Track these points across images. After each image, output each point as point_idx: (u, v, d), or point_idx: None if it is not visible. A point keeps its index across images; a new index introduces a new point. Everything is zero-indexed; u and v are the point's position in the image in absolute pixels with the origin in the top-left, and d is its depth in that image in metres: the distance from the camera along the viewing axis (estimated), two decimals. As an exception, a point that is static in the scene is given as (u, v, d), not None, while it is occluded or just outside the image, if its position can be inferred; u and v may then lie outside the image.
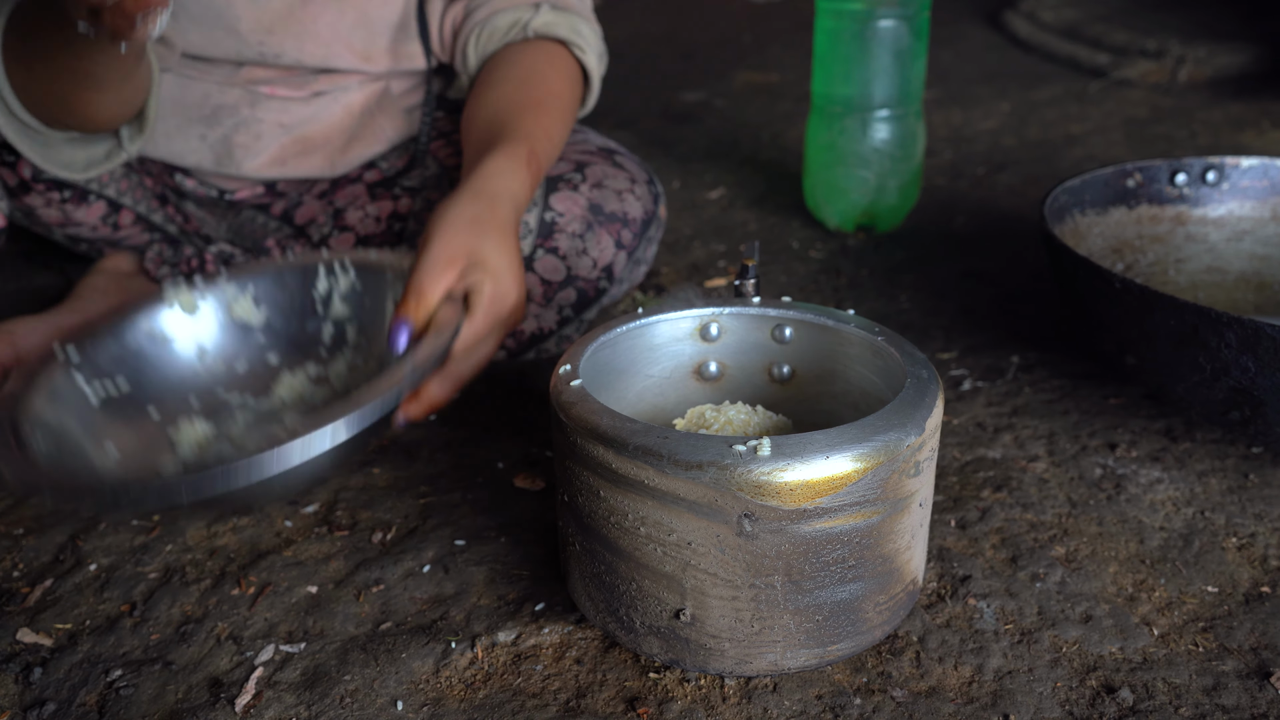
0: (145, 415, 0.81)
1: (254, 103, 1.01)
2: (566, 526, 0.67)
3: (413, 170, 1.06)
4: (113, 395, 0.80)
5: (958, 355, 1.06)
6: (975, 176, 1.60)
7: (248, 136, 1.01)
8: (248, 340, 0.88)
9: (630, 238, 1.01)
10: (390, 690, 0.66)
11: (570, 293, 1.00)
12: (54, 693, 0.67)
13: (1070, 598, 0.72)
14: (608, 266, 1.00)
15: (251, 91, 1.00)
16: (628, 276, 1.04)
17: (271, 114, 1.01)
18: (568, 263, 0.98)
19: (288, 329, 0.89)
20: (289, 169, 1.04)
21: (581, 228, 0.98)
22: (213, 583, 0.77)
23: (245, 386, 0.86)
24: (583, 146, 1.06)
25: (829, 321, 0.74)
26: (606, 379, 0.75)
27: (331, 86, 1.03)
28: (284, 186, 1.07)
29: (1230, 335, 0.74)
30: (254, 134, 1.01)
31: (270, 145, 1.02)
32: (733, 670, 0.63)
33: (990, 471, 0.87)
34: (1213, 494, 0.83)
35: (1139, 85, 2.06)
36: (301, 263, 0.88)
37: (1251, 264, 1.07)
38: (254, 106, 1.01)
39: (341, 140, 1.05)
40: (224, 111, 1.01)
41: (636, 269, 1.05)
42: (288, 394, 0.86)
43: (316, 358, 0.88)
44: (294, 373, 0.87)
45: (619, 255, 1.01)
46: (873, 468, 0.59)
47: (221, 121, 1.01)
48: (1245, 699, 0.64)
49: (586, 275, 0.99)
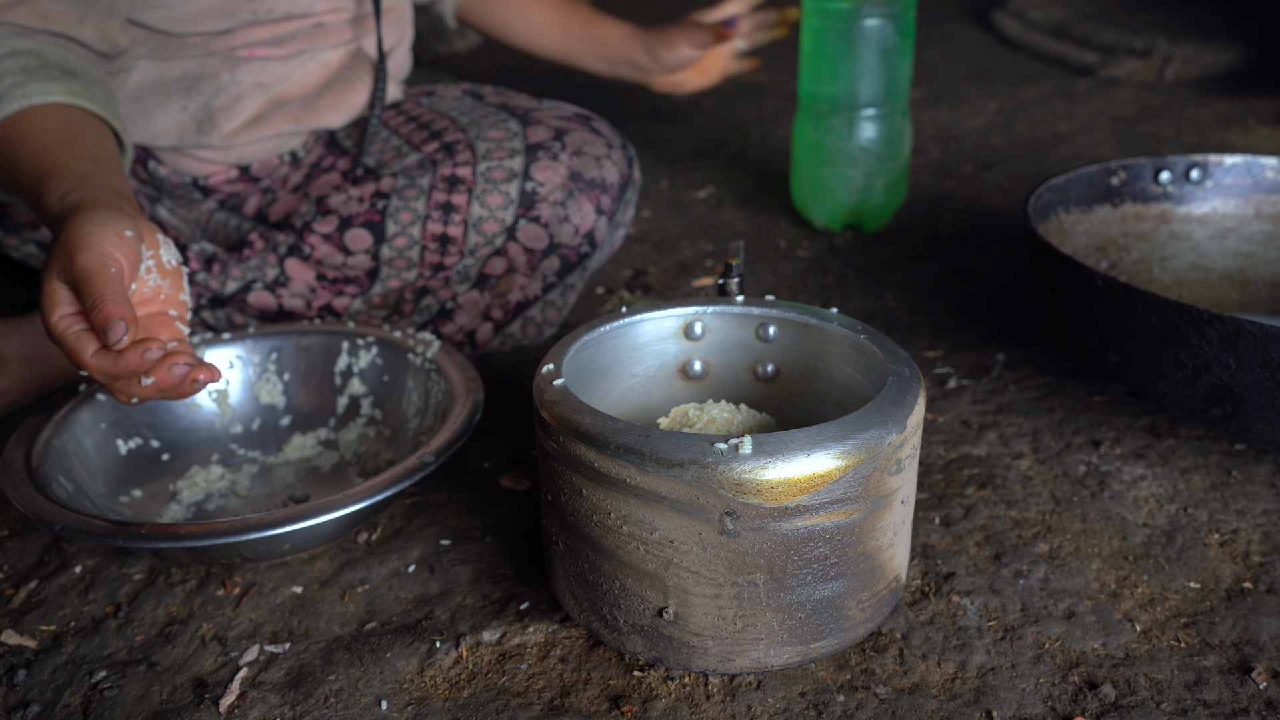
0: (159, 462, 0.88)
1: (233, 66, 1.01)
2: (550, 525, 0.67)
3: (372, 146, 1.07)
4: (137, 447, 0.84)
5: (944, 353, 1.06)
6: (963, 175, 1.61)
7: (227, 99, 1.02)
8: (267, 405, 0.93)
9: (609, 203, 1.03)
10: (375, 690, 0.66)
11: (554, 260, 1.02)
12: (38, 694, 0.67)
13: (1053, 594, 0.73)
14: (589, 232, 1.02)
15: (230, 57, 1.01)
16: (608, 240, 1.07)
17: (251, 75, 1.02)
18: (550, 230, 1.00)
19: (305, 395, 0.94)
20: (264, 126, 1.05)
21: (563, 195, 1.00)
22: (197, 584, 0.76)
23: (256, 443, 0.90)
24: (559, 112, 1.08)
25: (812, 320, 0.75)
26: (590, 378, 0.75)
27: (311, 45, 1.04)
28: (258, 169, 1.08)
29: (1211, 332, 0.75)
30: (233, 96, 1.02)
31: (249, 105, 1.03)
32: (716, 668, 0.63)
33: (975, 469, 0.87)
34: (1195, 490, 0.83)
35: (1127, 83, 2.06)
36: (327, 333, 0.94)
37: (1235, 261, 1.07)
38: (233, 70, 1.02)
39: (314, 96, 1.07)
40: (204, 81, 1.01)
41: (616, 232, 1.08)
42: (295, 454, 0.90)
43: (327, 425, 0.91)
44: (305, 435, 0.91)
45: (599, 220, 1.03)
46: (854, 465, 0.59)
47: (202, 90, 1.02)
48: (1227, 694, 0.64)
49: (569, 242, 1.01)
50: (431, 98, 1.14)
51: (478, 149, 1.00)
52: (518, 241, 1.00)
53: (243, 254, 1.01)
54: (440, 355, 0.89)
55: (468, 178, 0.99)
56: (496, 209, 0.99)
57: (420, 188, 0.99)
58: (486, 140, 1.01)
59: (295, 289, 1.00)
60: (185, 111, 1.02)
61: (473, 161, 1.00)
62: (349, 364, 0.92)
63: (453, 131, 1.03)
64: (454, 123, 1.05)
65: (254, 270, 1.00)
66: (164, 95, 1.01)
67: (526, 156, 1.00)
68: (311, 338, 0.93)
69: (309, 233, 0.99)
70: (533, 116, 1.05)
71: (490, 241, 1.00)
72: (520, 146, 1.01)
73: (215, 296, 1.01)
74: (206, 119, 1.02)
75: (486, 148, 1.00)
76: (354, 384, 0.92)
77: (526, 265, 1.01)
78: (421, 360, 0.89)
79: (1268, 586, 0.73)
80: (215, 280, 1.00)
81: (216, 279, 1.00)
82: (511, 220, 0.99)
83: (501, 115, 1.06)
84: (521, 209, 0.99)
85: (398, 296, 1.02)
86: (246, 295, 1.00)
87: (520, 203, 0.99)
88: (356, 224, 0.98)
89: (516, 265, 1.01)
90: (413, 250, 0.99)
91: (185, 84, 1.01)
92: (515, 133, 1.02)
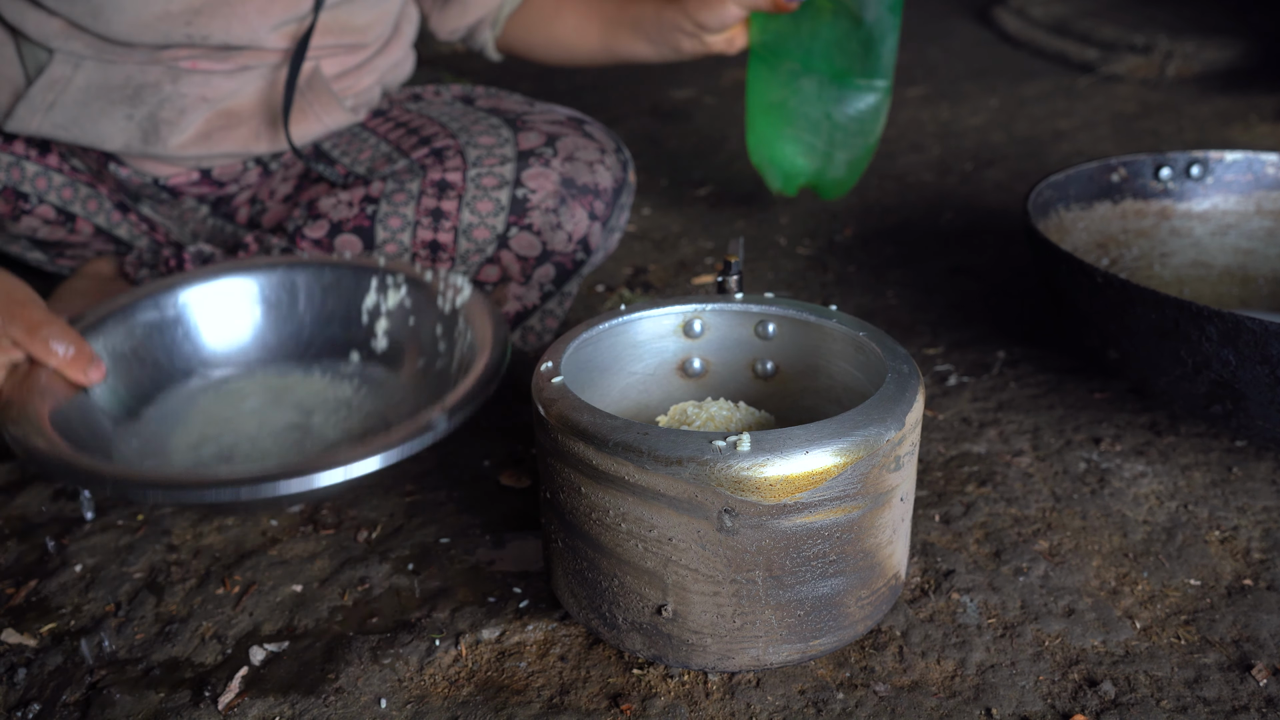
0: None
1: (175, 78, 1.00)
2: (549, 523, 0.67)
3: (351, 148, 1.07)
4: None
5: (944, 350, 1.06)
6: (963, 172, 1.61)
7: (172, 112, 1.01)
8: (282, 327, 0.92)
9: (603, 208, 1.02)
10: (374, 688, 0.66)
11: (548, 268, 1.01)
12: (38, 693, 0.67)
13: (1053, 591, 0.73)
14: (583, 238, 1.01)
15: (172, 68, 1.00)
16: (603, 245, 1.05)
17: (194, 88, 1.01)
18: (542, 238, 0.99)
19: (326, 331, 0.92)
20: (214, 144, 1.03)
21: (555, 202, 0.99)
22: (198, 582, 0.77)
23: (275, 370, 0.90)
24: (551, 117, 1.06)
25: (812, 317, 0.75)
26: (590, 376, 0.75)
27: (257, 61, 1.02)
28: (220, 173, 1.07)
29: (1211, 329, 0.75)
30: (178, 109, 1.01)
31: (195, 120, 1.01)
32: (715, 666, 0.63)
33: (975, 466, 0.87)
34: (1196, 487, 0.83)
35: (1127, 80, 2.06)
36: (355, 269, 0.92)
37: (1236, 258, 1.07)
38: (176, 82, 1.00)
39: (269, 113, 1.04)
40: (146, 90, 1.00)
41: (611, 237, 1.06)
42: (308, 392, 0.89)
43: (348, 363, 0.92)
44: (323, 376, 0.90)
45: (593, 226, 1.02)
46: (852, 462, 0.59)
47: (145, 100, 1.00)
48: (1227, 691, 0.64)
49: (562, 249, 1.00)
50: (420, 103, 1.13)
51: (468, 155, 0.99)
52: (510, 249, 0.99)
53: (237, 257, 1.01)
54: (472, 303, 0.86)
55: (457, 183, 0.98)
56: (487, 215, 0.98)
57: (410, 193, 0.98)
58: (477, 147, 1.00)
59: None
60: (130, 120, 1.01)
61: (463, 168, 0.99)
62: (376, 302, 0.91)
63: (442, 138, 1.02)
64: (444, 129, 1.04)
65: None
66: (109, 101, 1.00)
67: (518, 163, 0.99)
68: (340, 272, 0.92)
69: (300, 238, 0.99)
70: (524, 122, 1.04)
71: (482, 249, 0.99)
72: (511, 153, 1.00)
73: None
74: (151, 130, 1.01)
75: (477, 154, 1.00)
76: (380, 324, 0.90)
77: (520, 273, 1.01)
78: (450, 306, 0.86)
79: (1268, 583, 0.73)
80: None
81: None
82: (503, 228, 0.98)
83: (493, 121, 1.05)
84: (513, 216, 0.98)
85: None
86: None
87: (511, 210, 0.98)
88: (347, 229, 0.98)
89: (510, 273, 1.01)
90: (403, 257, 0.98)
91: (129, 91, 1.00)
92: (506, 139, 1.01)
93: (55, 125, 1.00)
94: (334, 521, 0.83)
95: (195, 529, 0.82)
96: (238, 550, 0.80)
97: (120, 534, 0.82)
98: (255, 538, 0.81)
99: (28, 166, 1.02)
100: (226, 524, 0.83)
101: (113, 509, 0.85)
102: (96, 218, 1.07)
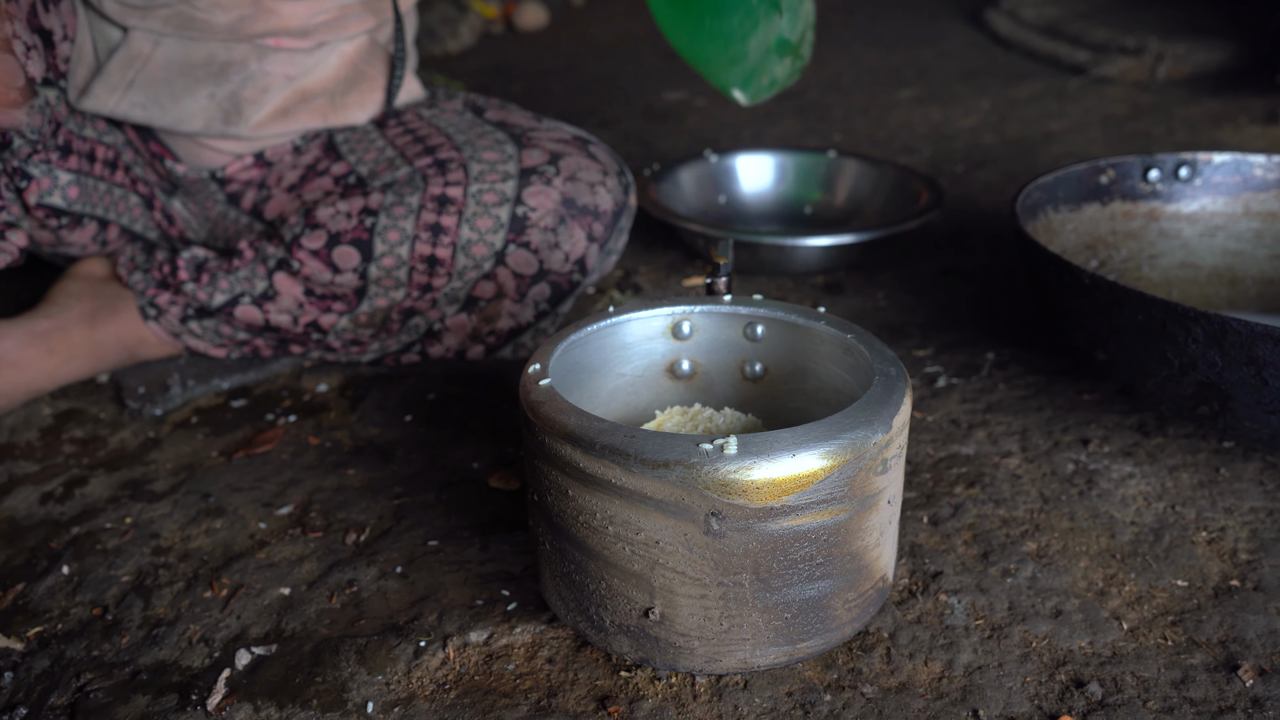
0: None
1: (261, 56, 1.02)
2: (537, 526, 0.67)
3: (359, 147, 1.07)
4: None
5: (933, 352, 1.06)
6: (954, 174, 1.61)
7: (255, 90, 1.02)
8: None
9: (601, 230, 1.01)
10: (362, 691, 0.66)
11: (544, 287, 1.00)
12: (24, 697, 0.67)
13: (1041, 593, 0.73)
14: (580, 259, 1.01)
15: (259, 45, 1.01)
16: (599, 267, 1.05)
17: (279, 66, 1.03)
18: (540, 256, 0.99)
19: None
20: (289, 121, 1.05)
21: (554, 221, 0.99)
22: (185, 585, 0.76)
23: None
24: (556, 135, 1.05)
25: (800, 319, 0.75)
26: (578, 378, 0.75)
27: (333, 36, 1.04)
28: (271, 154, 1.08)
29: (1197, 330, 0.75)
30: (261, 87, 1.03)
31: (275, 98, 1.03)
32: (702, 668, 0.63)
33: (963, 468, 0.87)
34: (1183, 488, 0.83)
35: (1119, 82, 2.06)
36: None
37: (1224, 259, 1.08)
38: (261, 60, 1.02)
39: (338, 89, 1.07)
40: (232, 68, 1.02)
41: (608, 259, 1.06)
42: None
43: None
44: None
45: (591, 248, 1.01)
46: (839, 465, 0.59)
47: (230, 78, 1.02)
48: (1213, 691, 0.64)
49: (559, 269, 1.00)
50: (432, 110, 1.12)
51: (470, 170, 0.99)
52: (507, 266, 0.99)
53: (232, 263, 1.00)
54: None
55: (458, 198, 0.98)
56: (486, 232, 0.98)
57: (409, 206, 0.98)
58: (480, 162, 0.99)
59: (283, 304, 0.99)
60: (213, 99, 1.02)
61: (464, 182, 0.98)
62: None
63: (447, 149, 1.02)
64: (450, 140, 1.03)
65: (242, 282, 0.99)
66: (192, 79, 1.01)
67: (519, 181, 0.98)
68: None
69: (297, 248, 0.98)
70: (530, 138, 1.03)
71: (479, 265, 0.98)
72: (514, 170, 0.99)
73: (202, 308, 1.01)
74: (234, 109, 1.02)
75: (480, 169, 0.99)
76: None
77: (515, 291, 1.00)
78: None
79: (1255, 584, 0.73)
80: (203, 292, 0.99)
81: (205, 290, 0.99)
82: (501, 245, 0.98)
83: (499, 135, 1.04)
84: (512, 234, 0.98)
85: (384, 316, 1.01)
86: (234, 309, 1.00)
87: (510, 227, 0.98)
88: (344, 241, 0.97)
89: (505, 290, 1.00)
90: (400, 270, 0.98)
91: (213, 69, 1.01)
92: (510, 155, 1.00)
93: (133, 104, 1.01)
94: (322, 524, 0.83)
95: (183, 531, 0.82)
96: (226, 553, 0.80)
97: (108, 537, 0.82)
98: (243, 540, 0.81)
99: None
100: (215, 527, 0.83)
101: (100, 511, 0.85)
102: (121, 219, 1.08)
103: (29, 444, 0.96)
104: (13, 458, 0.94)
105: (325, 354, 1.06)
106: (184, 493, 0.88)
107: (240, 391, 1.04)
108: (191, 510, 0.85)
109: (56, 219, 1.01)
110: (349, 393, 1.03)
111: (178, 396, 1.02)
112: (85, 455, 0.94)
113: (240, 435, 0.96)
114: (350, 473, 0.89)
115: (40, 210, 0.99)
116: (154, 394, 1.01)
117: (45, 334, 1.00)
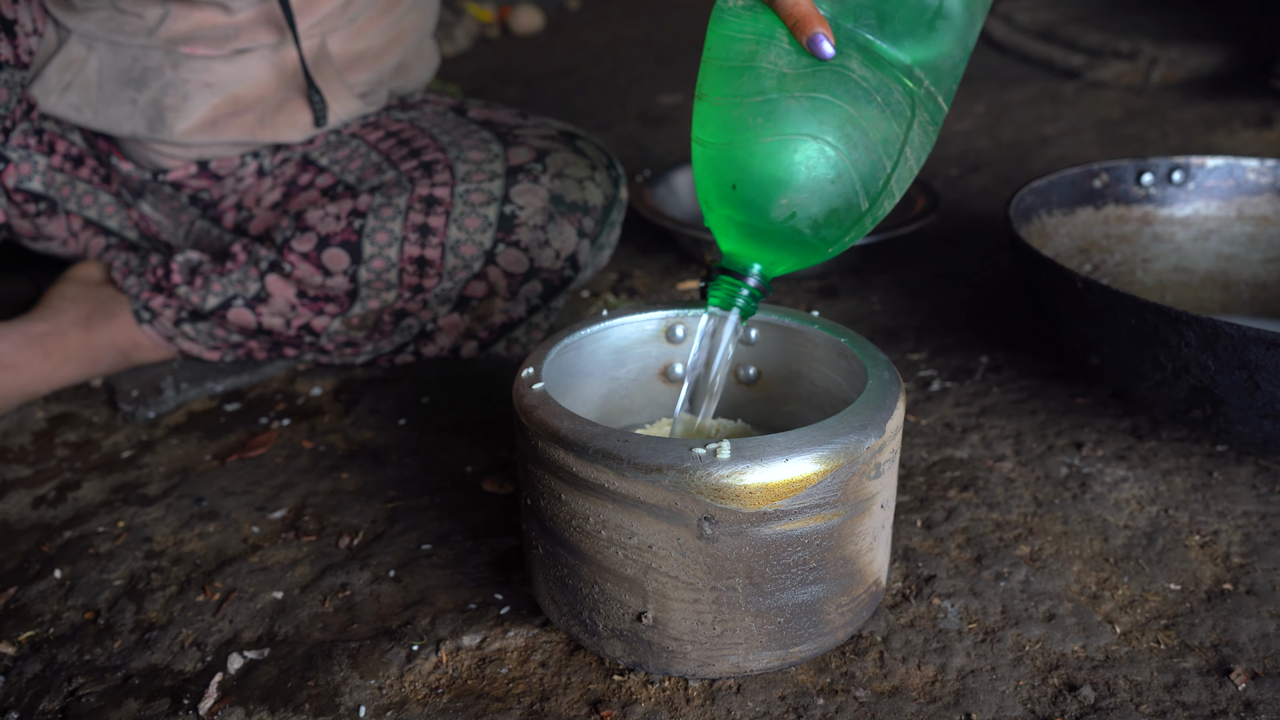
0: None
1: (176, 64, 1.00)
2: (530, 530, 0.67)
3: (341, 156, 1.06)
4: None
5: (927, 356, 1.06)
6: (949, 178, 1.61)
7: (175, 98, 1.01)
8: None
9: (592, 225, 1.01)
10: (354, 695, 0.66)
11: (535, 285, 1.00)
12: (15, 701, 0.67)
13: (1034, 596, 0.73)
14: (571, 255, 1.00)
15: (172, 53, 1.00)
16: (592, 262, 1.04)
17: (195, 74, 1.01)
18: (530, 255, 0.99)
19: None
20: (220, 131, 1.03)
21: (543, 219, 0.98)
22: (178, 589, 0.76)
23: None
24: (543, 131, 1.05)
25: (794, 323, 0.75)
26: (571, 382, 0.75)
27: (252, 43, 1.01)
28: (217, 166, 1.06)
29: (1190, 334, 0.75)
30: (181, 95, 1.01)
31: (200, 106, 1.01)
32: (695, 672, 0.63)
33: (957, 471, 0.87)
34: (1177, 492, 0.84)
35: (1113, 86, 2.07)
36: None
37: (1218, 263, 1.08)
38: (176, 68, 1.00)
39: (270, 105, 1.04)
40: (150, 74, 1.00)
41: (600, 254, 1.05)
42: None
43: None
44: None
45: (582, 244, 1.01)
46: (832, 470, 0.59)
47: (149, 84, 1.01)
48: (1206, 695, 0.64)
49: (550, 266, 1.00)
50: (411, 111, 1.11)
51: (457, 170, 0.99)
52: (497, 265, 0.98)
53: (225, 266, 1.00)
54: None
55: (445, 199, 0.97)
56: (475, 232, 0.97)
57: (397, 208, 0.97)
58: (466, 162, 0.99)
59: (276, 306, 0.99)
60: (135, 105, 1.01)
61: (451, 183, 0.98)
62: None
63: (432, 150, 1.01)
64: (434, 141, 1.03)
65: (235, 285, 0.99)
66: (118, 84, 1.01)
67: (506, 180, 0.98)
68: None
69: (288, 250, 0.98)
70: (515, 136, 1.03)
71: (468, 265, 0.98)
72: (500, 169, 0.99)
73: (195, 311, 1.00)
74: (157, 116, 1.01)
75: (466, 169, 0.99)
76: None
77: (507, 289, 1.00)
78: None
79: (1248, 588, 0.73)
80: (196, 295, 0.99)
81: (198, 293, 0.99)
82: (490, 244, 0.97)
83: (483, 135, 1.03)
84: (500, 233, 0.97)
85: (377, 317, 1.01)
86: (226, 312, 0.99)
87: (499, 226, 0.97)
88: (334, 244, 0.97)
89: (497, 289, 1.00)
90: (390, 273, 0.98)
91: (134, 74, 1.00)
92: (496, 154, 1.00)
93: (70, 107, 1.01)
94: (315, 528, 0.82)
95: (176, 535, 0.82)
96: (218, 557, 0.80)
97: (100, 540, 0.82)
98: (236, 545, 0.81)
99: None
100: (208, 530, 0.83)
101: (93, 515, 0.85)
102: (87, 211, 1.08)
103: (22, 448, 0.96)
104: (5, 461, 0.94)
105: (319, 356, 1.05)
106: (177, 496, 0.87)
107: (234, 395, 1.04)
108: (184, 514, 0.85)
109: (34, 204, 1.01)
110: (342, 396, 1.03)
111: (171, 400, 1.01)
112: (78, 459, 0.94)
113: (234, 439, 0.96)
114: (344, 476, 0.89)
115: (18, 195, 1.00)
116: (147, 397, 1.01)
117: (41, 337, 1.00)
